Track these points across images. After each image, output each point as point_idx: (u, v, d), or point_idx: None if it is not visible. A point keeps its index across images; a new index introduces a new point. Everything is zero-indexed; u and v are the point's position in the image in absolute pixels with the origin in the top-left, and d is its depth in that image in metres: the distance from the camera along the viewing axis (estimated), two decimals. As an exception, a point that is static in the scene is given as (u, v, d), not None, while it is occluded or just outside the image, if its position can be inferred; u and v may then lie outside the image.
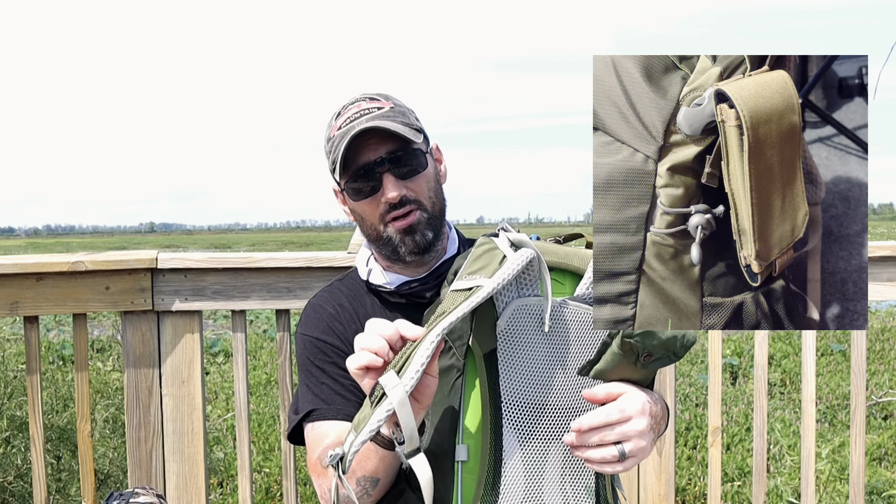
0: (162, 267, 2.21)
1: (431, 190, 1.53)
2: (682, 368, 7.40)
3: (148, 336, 2.23)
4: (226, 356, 8.76)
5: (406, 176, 1.49)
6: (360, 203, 1.51)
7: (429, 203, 1.51)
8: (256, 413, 5.99)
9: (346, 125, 1.48)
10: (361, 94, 1.55)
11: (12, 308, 2.13)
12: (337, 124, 1.50)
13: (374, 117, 1.47)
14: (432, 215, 1.51)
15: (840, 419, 5.71)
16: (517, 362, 1.22)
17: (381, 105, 1.51)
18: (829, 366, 7.67)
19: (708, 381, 2.39)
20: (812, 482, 2.34)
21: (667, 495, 2.33)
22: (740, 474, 4.53)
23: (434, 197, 1.53)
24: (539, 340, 1.24)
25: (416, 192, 1.49)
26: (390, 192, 1.46)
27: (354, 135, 1.44)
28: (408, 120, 1.51)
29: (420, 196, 1.50)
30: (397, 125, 1.46)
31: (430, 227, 1.50)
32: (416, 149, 1.50)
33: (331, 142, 1.51)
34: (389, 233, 1.49)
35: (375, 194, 1.48)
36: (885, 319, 10.59)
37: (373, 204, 1.49)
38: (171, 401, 2.25)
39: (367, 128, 1.44)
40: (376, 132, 1.46)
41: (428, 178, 1.52)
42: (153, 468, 2.25)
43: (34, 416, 2.18)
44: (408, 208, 1.48)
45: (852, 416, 2.33)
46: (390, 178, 1.47)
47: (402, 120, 1.50)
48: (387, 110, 1.50)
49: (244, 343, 2.27)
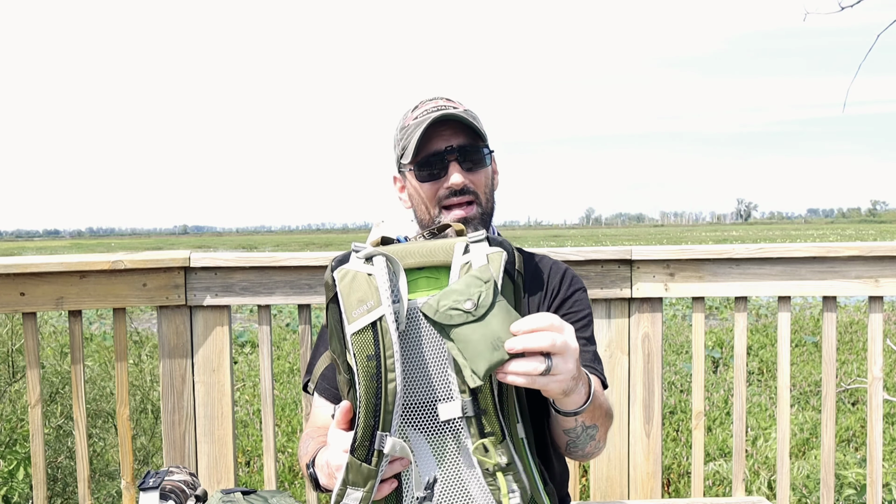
0: (194, 265, 2.21)
1: (488, 188, 1.55)
2: (668, 358, 7.38)
3: (181, 329, 2.24)
4: (252, 347, 8.77)
5: (471, 168, 1.51)
6: (425, 185, 1.52)
7: (484, 199, 1.53)
8: (280, 398, 6.00)
9: (423, 116, 1.50)
10: (439, 95, 1.58)
11: (58, 303, 2.14)
12: (413, 115, 1.53)
13: (451, 112, 1.49)
14: (485, 212, 1.53)
15: (812, 404, 5.69)
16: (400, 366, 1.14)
17: (456, 105, 1.54)
18: (803, 356, 7.65)
19: (692, 370, 2.38)
20: (787, 461, 2.33)
21: (654, 473, 2.32)
22: (721, 454, 4.52)
23: (489, 195, 1.55)
24: (413, 342, 1.18)
25: (476, 185, 1.51)
26: (455, 178, 1.48)
27: (433, 121, 1.46)
28: (478, 123, 1.53)
29: (479, 189, 1.52)
30: (471, 121, 1.49)
31: (482, 222, 1.52)
32: (484, 146, 1.53)
33: (404, 130, 1.53)
34: (443, 218, 1.51)
35: (440, 178, 1.50)
36: (853, 314, 10.56)
37: (435, 186, 1.51)
38: (203, 388, 2.25)
39: (445, 115, 1.46)
40: (451, 124, 1.49)
41: (487, 176, 1.54)
42: (186, 449, 2.26)
43: (77, 401, 2.19)
44: (468, 198, 1.50)
45: (823, 402, 2.33)
46: (456, 165, 1.49)
47: (475, 122, 1.52)
48: (462, 110, 1.52)
49: (269, 335, 2.28)
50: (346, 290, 1.17)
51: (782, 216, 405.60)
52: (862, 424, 5.01)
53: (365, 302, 1.15)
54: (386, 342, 1.13)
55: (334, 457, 1.20)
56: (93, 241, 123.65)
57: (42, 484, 2.19)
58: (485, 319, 1.08)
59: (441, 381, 1.18)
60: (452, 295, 1.10)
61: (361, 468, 1.15)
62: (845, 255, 2.28)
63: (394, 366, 1.13)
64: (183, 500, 1.81)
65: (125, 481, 2.24)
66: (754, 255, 2.28)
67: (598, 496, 2.32)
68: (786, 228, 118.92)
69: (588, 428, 1.31)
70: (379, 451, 1.14)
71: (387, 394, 1.13)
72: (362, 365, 1.13)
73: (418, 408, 1.19)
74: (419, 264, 1.22)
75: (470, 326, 1.08)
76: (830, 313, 2.32)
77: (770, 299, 11.49)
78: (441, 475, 1.21)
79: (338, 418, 1.22)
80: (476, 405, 1.16)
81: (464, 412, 1.16)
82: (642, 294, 2.28)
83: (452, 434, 1.20)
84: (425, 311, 1.10)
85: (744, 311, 2.35)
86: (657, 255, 2.27)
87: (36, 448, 2.18)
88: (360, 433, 1.14)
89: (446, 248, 1.22)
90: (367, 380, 1.13)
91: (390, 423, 1.14)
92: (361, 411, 1.14)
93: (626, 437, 2.31)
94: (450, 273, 1.20)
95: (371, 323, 1.14)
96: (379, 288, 1.15)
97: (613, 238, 65.75)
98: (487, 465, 1.17)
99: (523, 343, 1.06)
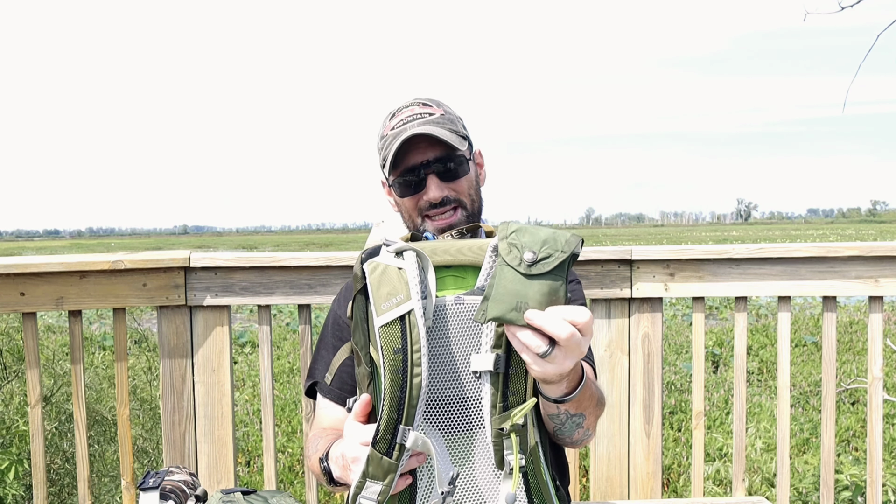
0: (194, 265, 2.21)
1: (472, 190, 1.55)
2: (668, 358, 7.38)
3: (181, 329, 2.24)
4: (252, 347, 8.77)
5: (449, 179, 1.50)
6: (405, 199, 1.53)
7: (468, 202, 1.53)
8: (280, 398, 6.00)
9: (398, 126, 1.49)
10: (415, 99, 1.56)
11: (58, 303, 2.13)
12: (390, 125, 1.52)
13: (425, 122, 1.48)
14: (471, 213, 1.54)
15: (812, 404, 5.69)
16: (426, 360, 1.14)
17: (432, 111, 1.52)
18: (803, 356, 7.65)
19: (692, 370, 2.38)
20: (787, 461, 2.33)
21: (654, 473, 2.32)
22: (721, 454, 4.52)
23: (474, 196, 1.55)
24: (440, 339, 1.18)
25: (458, 192, 1.51)
26: (432, 193, 1.49)
27: (405, 139, 1.45)
28: (455, 127, 1.52)
29: (461, 195, 1.52)
30: (445, 132, 1.47)
31: (468, 223, 1.52)
32: (460, 155, 1.51)
33: (383, 139, 1.52)
34: (426, 227, 1.52)
35: (419, 192, 1.51)
36: (853, 313, 10.56)
37: (415, 200, 1.52)
38: (203, 388, 2.25)
39: (416, 133, 1.45)
40: (425, 137, 1.47)
41: (469, 181, 1.54)
42: (186, 449, 2.26)
43: (77, 402, 2.19)
44: (448, 207, 1.51)
45: (823, 402, 2.33)
46: (434, 179, 1.49)
47: (450, 127, 1.50)
48: (437, 117, 1.51)
49: (269, 335, 2.27)
50: (376, 282, 1.17)
51: (782, 216, 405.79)
52: (862, 424, 5.01)
53: (394, 295, 1.15)
54: (413, 336, 1.13)
55: (350, 449, 1.20)
56: (93, 241, 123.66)
57: (42, 484, 2.19)
58: (529, 280, 1.07)
59: (466, 379, 1.19)
60: (527, 236, 1.09)
61: (382, 461, 1.15)
62: (845, 255, 2.28)
63: (420, 360, 1.13)
64: (183, 500, 1.81)
65: (125, 481, 2.24)
66: (754, 255, 2.28)
67: (598, 496, 2.32)
68: (786, 228, 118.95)
69: (573, 416, 1.30)
70: (401, 444, 1.14)
71: (412, 388, 1.13)
72: (388, 358, 1.13)
73: (440, 405, 1.20)
74: (447, 262, 1.22)
75: (513, 272, 1.08)
76: (830, 313, 2.32)
77: (770, 299, 11.49)
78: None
79: (356, 411, 1.22)
80: (508, 363, 1.15)
81: (495, 367, 1.15)
82: (642, 294, 2.28)
83: (467, 433, 1.20)
84: (507, 227, 1.10)
85: (744, 311, 2.35)
86: (657, 255, 2.27)
87: (36, 448, 2.18)
88: (382, 426, 1.14)
89: (476, 248, 1.22)
90: (392, 373, 1.13)
91: (413, 418, 1.14)
92: (385, 404, 1.14)
93: (626, 437, 2.31)
94: (478, 273, 1.20)
95: (400, 317, 1.14)
96: (409, 282, 1.15)
97: (613, 238, 65.79)
98: (504, 425, 1.16)
99: (541, 322, 1.05)
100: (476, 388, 1.19)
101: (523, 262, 1.07)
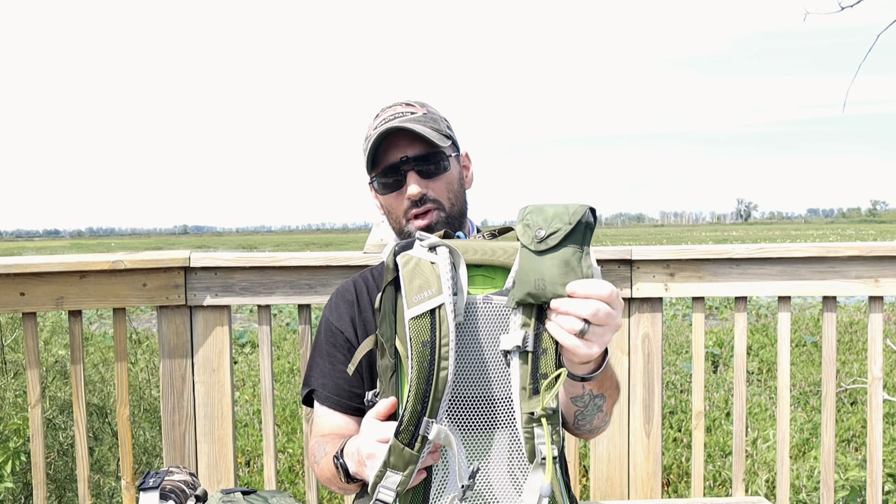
0: (194, 265, 2.21)
1: (452, 192, 1.53)
2: (668, 358, 7.38)
3: (181, 329, 2.24)
4: (252, 347, 8.77)
5: (428, 176, 1.50)
6: (386, 197, 1.53)
7: (448, 204, 1.52)
8: (280, 399, 6.00)
9: (380, 125, 1.49)
10: (399, 101, 1.56)
11: (58, 303, 2.13)
12: (374, 125, 1.52)
13: (406, 121, 1.48)
14: (450, 215, 1.52)
15: (812, 404, 5.69)
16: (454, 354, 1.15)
17: (414, 111, 1.53)
18: (803, 356, 7.64)
19: (692, 370, 2.38)
20: (787, 461, 2.33)
21: (654, 473, 2.32)
22: (721, 454, 4.52)
23: (454, 198, 1.53)
24: (468, 336, 1.19)
25: (436, 192, 1.50)
26: (412, 189, 1.48)
27: (383, 132, 1.46)
28: (437, 126, 1.52)
29: (440, 196, 1.51)
30: (425, 129, 1.47)
31: (448, 226, 1.51)
32: (441, 152, 1.50)
33: (367, 140, 1.53)
34: (410, 229, 1.51)
35: (399, 189, 1.50)
36: (853, 314, 10.56)
37: (398, 199, 1.51)
38: (203, 388, 2.25)
39: (395, 127, 1.46)
40: (405, 133, 1.48)
41: (450, 181, 1.53)
42: (186, 449, 2.26)
43: (77, 401, 2.19)
44: (427, 207, 1.50)
45: (823, 402, 2.33)
46: (414, 175, 1.49)
47: (432, 126, 1.50)
48: (419, 115, 1.51)
49: (269, 335, 2.28)
50: (409, 275, 1.18)
51: (782, 216, 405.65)
52: (862, 424, 5.01)
53: (426, 289, 1.16)
54: (442, 330, 1.14)
55: (365, 445, 1.21)
56: (93, 241, 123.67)
57: (42, 484, 2.19)
58: (541, 257, 1.13)
59: (493, 376, 1.19)
60: (538, 214, 1.14)
61: (404, 452, 1.15)
62: (845, 255, 2.28)
63: (447, 354, 1.13)
64: (183, 500, 1.81)
65: (125, 481, 2.24)
66: (754, 255, 2.28)
67: (598, 496, 2.32)
68: (786, 228, 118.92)
69: (596, 397, 1.32)
70: (423, 436, 1.15)
71: (437, 381, 1.14)
72: (417, 350, 1.14)
73: (463, 401, 1.20)
74: (479, 261, 1.22)
75: (528, 252, 1.14)
76: (830, 313, 2.32)
77: (770, 299, 11.49)
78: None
79: (379, 410, 1.22)
80: (537, 342, 1.16)
81: (524, 343, 1.16)
82: (642, 294, 2.28)
83: (488, 432, 1.20)
84: (523, 211, 1.14)
85: (744, 311, 2.35)
86: (657, 255, 2.27)
87: (36, 448, 2.18)
88: (406, 417, 1.15)
89: (511, 250, 1.22)
90: (419, 365, 1.14)
91: (437, 411, 1.15)
92: (410, 396, 1.15)
93: (626, 437, 2.31)
94: (507, 275, 1.20)
95: (430, 310, 1.14)
96: (441, 276, 1.16)
97: (613, 238, 65.77)
98: (535, 409, 1.16)
99: (567, 307, 1.11)
100: (503, 386, 1.19)
101: (534, 241, 1.13)
